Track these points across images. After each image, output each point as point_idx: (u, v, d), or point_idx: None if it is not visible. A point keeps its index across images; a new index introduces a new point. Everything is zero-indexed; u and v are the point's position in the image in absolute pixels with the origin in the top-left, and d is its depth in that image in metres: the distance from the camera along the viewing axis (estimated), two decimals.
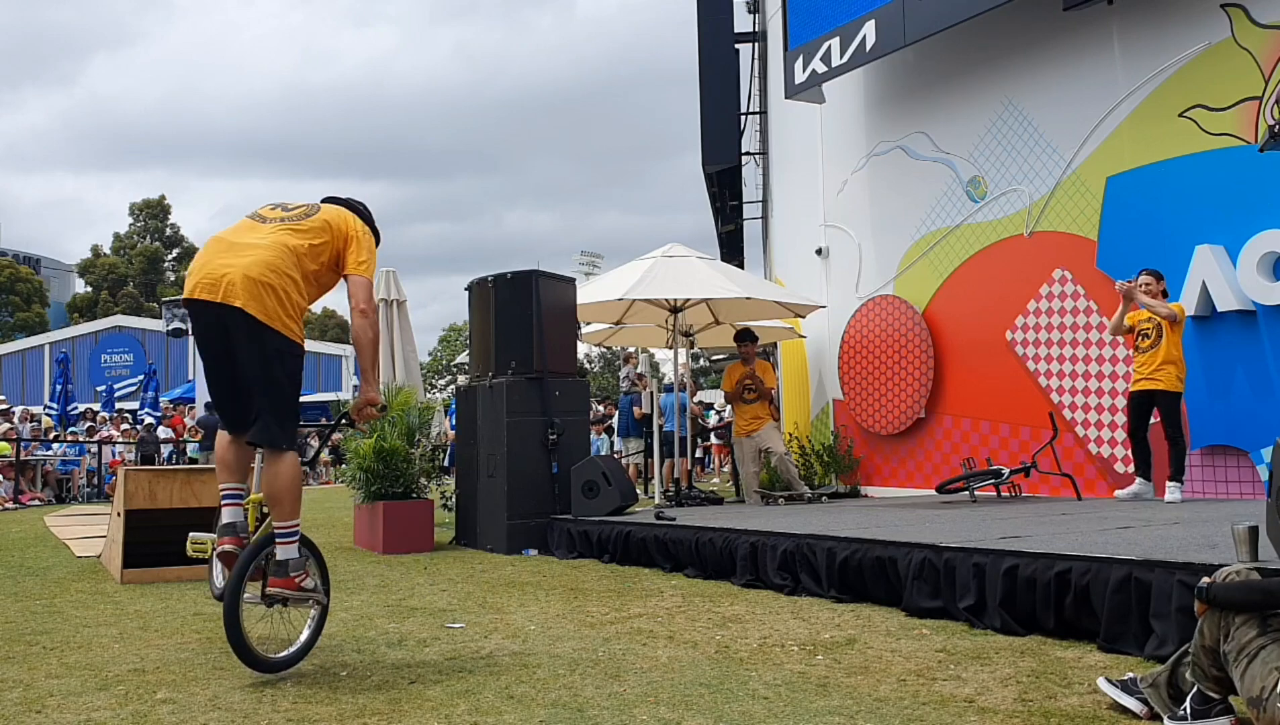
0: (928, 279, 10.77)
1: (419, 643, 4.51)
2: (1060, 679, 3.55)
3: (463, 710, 3.35)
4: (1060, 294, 9.37)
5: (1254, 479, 7.75)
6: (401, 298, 11.39)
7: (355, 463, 8.86)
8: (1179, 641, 3.42)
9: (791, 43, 11.72)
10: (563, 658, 4.11)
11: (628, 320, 11.81)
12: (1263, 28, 7.84)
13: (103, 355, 42.70)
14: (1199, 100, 8.22)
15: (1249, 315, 7.84)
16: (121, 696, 3.62)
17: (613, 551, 7.44)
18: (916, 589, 4.91)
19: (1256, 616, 2.80)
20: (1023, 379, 9.70)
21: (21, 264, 61.35)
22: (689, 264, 10.54)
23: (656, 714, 3.25)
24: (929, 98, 10.83)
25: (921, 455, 10.88)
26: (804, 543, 5.74)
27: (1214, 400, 8.04)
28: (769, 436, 10.09)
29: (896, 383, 11.06)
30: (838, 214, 12.09)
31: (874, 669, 3.79)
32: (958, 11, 9.56)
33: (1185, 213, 8.29)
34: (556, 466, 8.48)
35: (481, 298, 9.00)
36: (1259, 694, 2.67)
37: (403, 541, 8.31)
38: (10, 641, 4.68)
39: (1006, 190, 9.93)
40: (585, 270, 75.65)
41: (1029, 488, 9.12)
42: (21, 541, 9.53)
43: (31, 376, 42.48)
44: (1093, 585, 4.15)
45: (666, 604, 5.44)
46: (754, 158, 15.61)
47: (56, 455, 18.60)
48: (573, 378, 9.10)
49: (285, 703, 3.50)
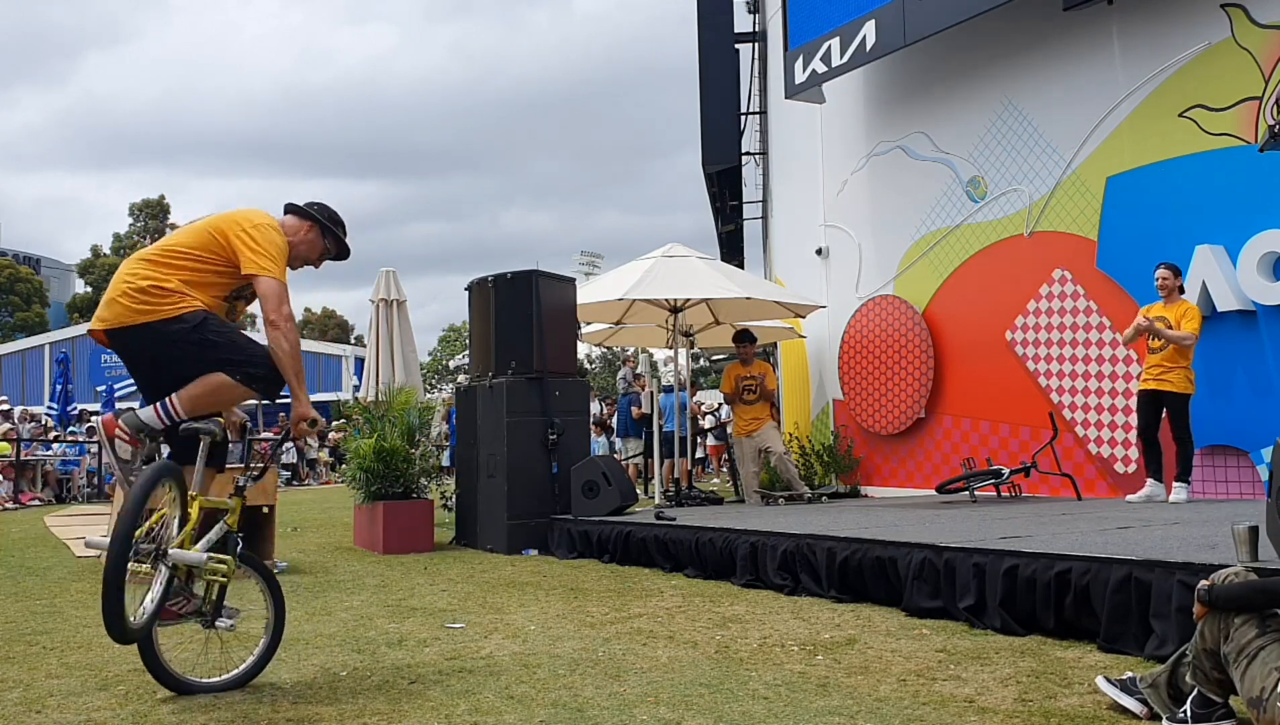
0: (928, 279, 10.76)
1: (419, 643, 4.51)
2: (1060, 679, 3.55)
3: (463, 710, 3.35)
4: (1060, 294, 9.37)
5: (1254, 479, 7.75)
6: (401, 298, 11.39)
7: (355, 463, 8.86)
8: (1179, 641, 3.42)
9: (791, 43, 11.72)
10: (563, 658, 4.11)
11: (628, 320, 11.81)
12: (1263, 28, 7.84)
13: (103, 355, 42.62)
14: (1199, 100, 8.22)
15: (1249, 315, 7.84)
16: (121, 696, 3.62)
17: (613, 551, 7.44)
18: (916, 589, 4.91)
19: (1256, 617, 2.80)
20: (1023, 379, 9.70)
21: (21, 264, 61.33)
22: (689, 264, 10.53)
23: (656, 714, 3.25)
24: (929, 98, 10.83)
25: (921, 455, 10.88)
26: (804, 543, 5.74)
27: (1214, 400, 8.04)
28: (769, 436, 10.09)
29: (896, 383, 11.06)
30: (838, 214, 12.09)
31: (874, 669, 3.79)
32: (958, 11, 9.56)
33: (1185, 213, 8.29)
34: (556, 466, 8.48)
35: (481, 298, 8.99)
36: (1259, 695, 2.67)
37: (403, 541, 8.31)
38: (10, 641, 4.69)
39: (1006, 190, 9.92)
40: (585, 270, 75.59)
41: (1029, 488, 9.11)
42: (21, 541, 9.53)
43: (31, 376, 42.46)
44: (1093, 585, 4.15)
45: (666, 604, 5.44)
46: (754, 158, 15.60)
47: (56, 455, 18.59)
48: (573, 378, 9.10)
49: (285, 703, 3.50)
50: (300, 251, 3.91)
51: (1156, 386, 7.47)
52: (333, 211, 4.01)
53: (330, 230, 3.96)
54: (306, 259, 3.96)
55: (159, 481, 3.36)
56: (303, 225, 3.92)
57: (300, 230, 3.91)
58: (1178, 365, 7.38)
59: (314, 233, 3.93)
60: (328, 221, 3.95)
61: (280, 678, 3.87)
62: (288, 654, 4.30)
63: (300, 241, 3.90)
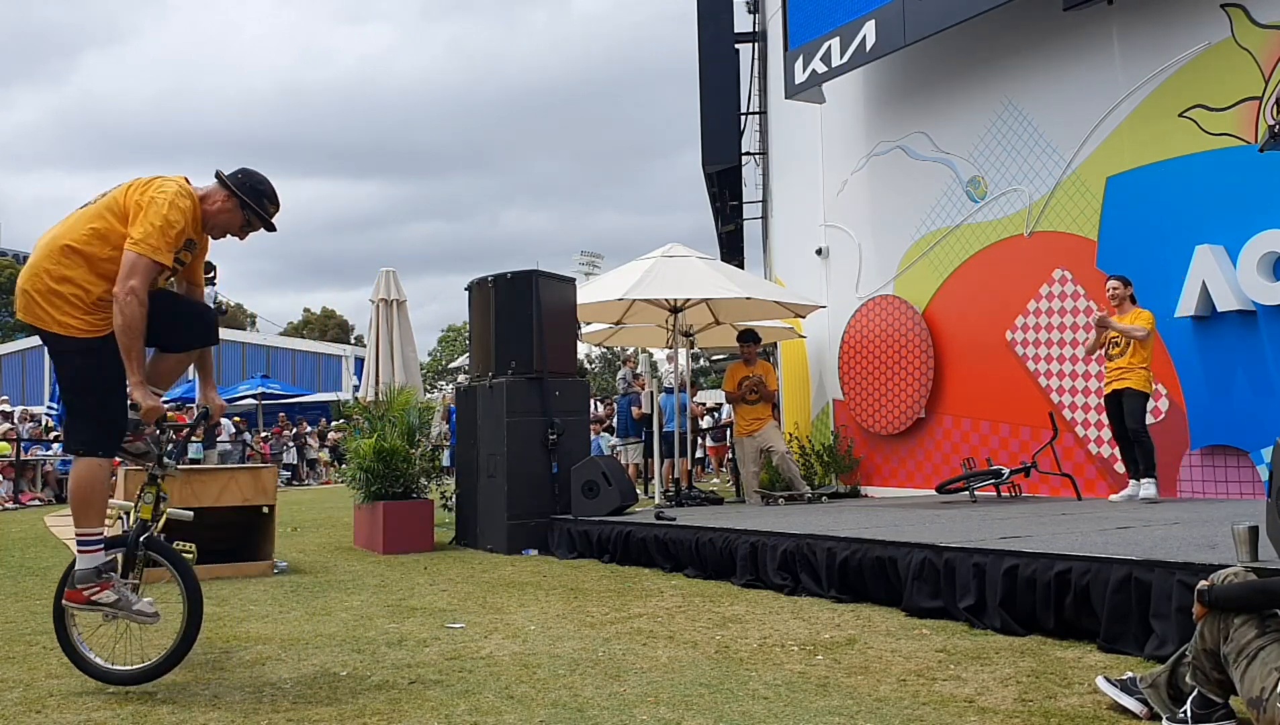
0: (928, 279, 10.76)
1: (419, 643, 4.51)
2: (1060, 679, 3.55)
3: (463, 710, 3.35)
4: (1060, 294, 9.37)
5: (1254, 479, 7.75)
6: (401, 298, 11.39)
7: (355, 463, 8.85)
8: (1179, 641, 3.42)
9: (791, 43, 11.72)
10: (563, 658, 4.11)
11: (628, 320, 11.81)
12: (1263, 28, 7.84)
13: None
14: (1199, 100, 8.22)
15: (1249, 315, 7.84)
16: (121, 696, 3.62)
17: (613, 551, 7.44)
18: (916, 589, 4.91)
19: (1255, 617, 2.80)
20: (1023, 379, 9.70)
21: (21, 264, 61.36)
22: (689, 264, 10.53)
23: (656, 714, 3.25)
24: (929, 98, 10.83)
25: (921, 455, 10.88)
26: (804, 543, 5.74)
27: (1214, 400, 8.05)
28: (770, 435, 10.09)
29: (896, 383, 11.06)
30: (838, 214, 12.09)
31: (874, 669, 3.79)
32: (958, 11, 9.56)
33: (1185, 213, 8.29)
34: (556, 466, 8.48)
35: (481, 298, 8.99)
36: (1259, 695, 2.67)
37: (403, 541, 8.31)
38: (10, 641, 4.69)
39: (1006, 190, 9.92)
40: (585, 270, 75.62)
41: (1029, 488, 9.12)
42: (21, 541, 9.53)
43: (31, 376, 42.44)
44: (1093, 585, 4.15)
45: (666, 604, 5.44)
46: (754, 158, 15.60)
47: (56, 455, 18.59)
48: (573, 378, 9.10)
49: (285, 703, 3.50)
50: (219, 221, 3.85)
51: (1118, 386, 7.69)
52: (256, 183, 3.87)
53: (248, 205, 3.84)
54: (226, 229, 3.89)
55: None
56: (220, 194, 3.83)
57: (219, 200, 3.82)
58: (1135, 368, 7.60)
59: (232, 203, 3.83)
60: (246, 195, 3.83)
61: (280, 678, 3.87)
62: (288, 654, 4.31)
63: (218, 211, 3.82)
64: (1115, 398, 7.74)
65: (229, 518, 7.20)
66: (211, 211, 3.82)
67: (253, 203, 3.84)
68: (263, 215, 3.88)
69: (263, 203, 3.87)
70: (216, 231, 3.88)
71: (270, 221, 3.92)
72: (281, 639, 4.67)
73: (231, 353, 40.37)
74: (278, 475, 9.17)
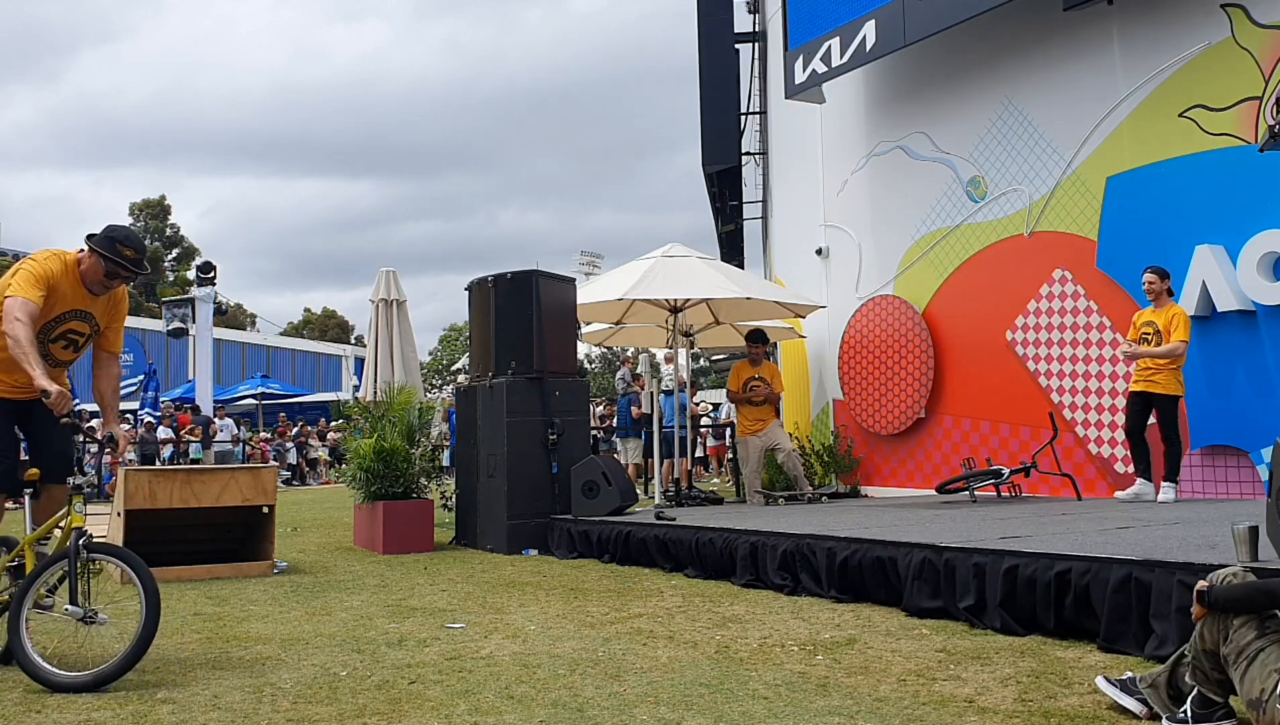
0: (928, 279, 10.76)
1: (419, 643, 4.51)
2: (1060, 679, 3.55)
3: (463, 710, 3.35)
4: (1060, 294, 9.37)
5: (1254, 479, 7.75)
6: (401, 297, 11.40)
7: (355, 463, 8.86)
8: (1179, 641, 3.42)
9: (791, 43, 11.71)
10: (563, 658, 4.11)
11: (628, 320, 11.80)
12: (1263, 28, 7.84)
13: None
14: (1199, 100, 8.22)
15: (1249, 315, 7.84)
16: (121, 696, 3.62)
17: (613, 551, 7.44)
18: (916, 589, 4.91)
19: (1255, 618, 2.80)
20: (1023, 379, 9.69)
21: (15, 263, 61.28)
22: (689, 264, 10.53)
23: (656, 714, 3.25)
24: (929, 98, 10.83)
25: (921, 455, 10.88)
26: (804, 543, 5.74)
27: (1214, 400, 8.04)
28: (775, 434, 10.09)
29: (896, 383, 11.06)
30: (838, 214, 12.08)
31: (874, 669, 3.79)
32: (958, 11, 9.55)
33: (1185, 213, 8.29)
34: (556, 466, 8.48)
35: (481, 298, 9.00)
36: (1259, 696, 2.67)
37: (403, 541, 8.31)
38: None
39: (1006, 190, 9.92)
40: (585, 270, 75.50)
41: (1029, 488, 9.11)
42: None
43: None
44: (1093, 585, 4.15)
45: (666, 604, 5.44)
46: (754, 158, 15.59)
47: None
48: (573, 378, 9.10)
49: (285, 703, 3.50)
50: (89, 277, 4.20)
51: (1146, 387, 7.57)
52: (110, 233, 4.21)
53: (102, 254, 4.15)
54: (96, 281, 4.21)
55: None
56: (86, 254, 4.21)
57: (85, 259, 4.20)
58: (1164, 368, 7.47)
59: (93, 257, 4.18)
60: (99, 246, 4.16)
61: (280, 678, 3.88)
62: (288, 654, 4.31)
63: (87, 269, 4.20)
64: (1143, 399, 7.59)
65: (229, 518, 7.21)
66: (84, 271, 4.19)
67: (105, 251, 4.16)
68: (116, 260, 4.18)
69: (115, 249, 4.19)
70: (96, 288, 4.25)
71: (125, 264, 4.21)
72: (281, 639, 4.67)
73: (231, 353, 40.38)
74: (278, 475, 9.17)
